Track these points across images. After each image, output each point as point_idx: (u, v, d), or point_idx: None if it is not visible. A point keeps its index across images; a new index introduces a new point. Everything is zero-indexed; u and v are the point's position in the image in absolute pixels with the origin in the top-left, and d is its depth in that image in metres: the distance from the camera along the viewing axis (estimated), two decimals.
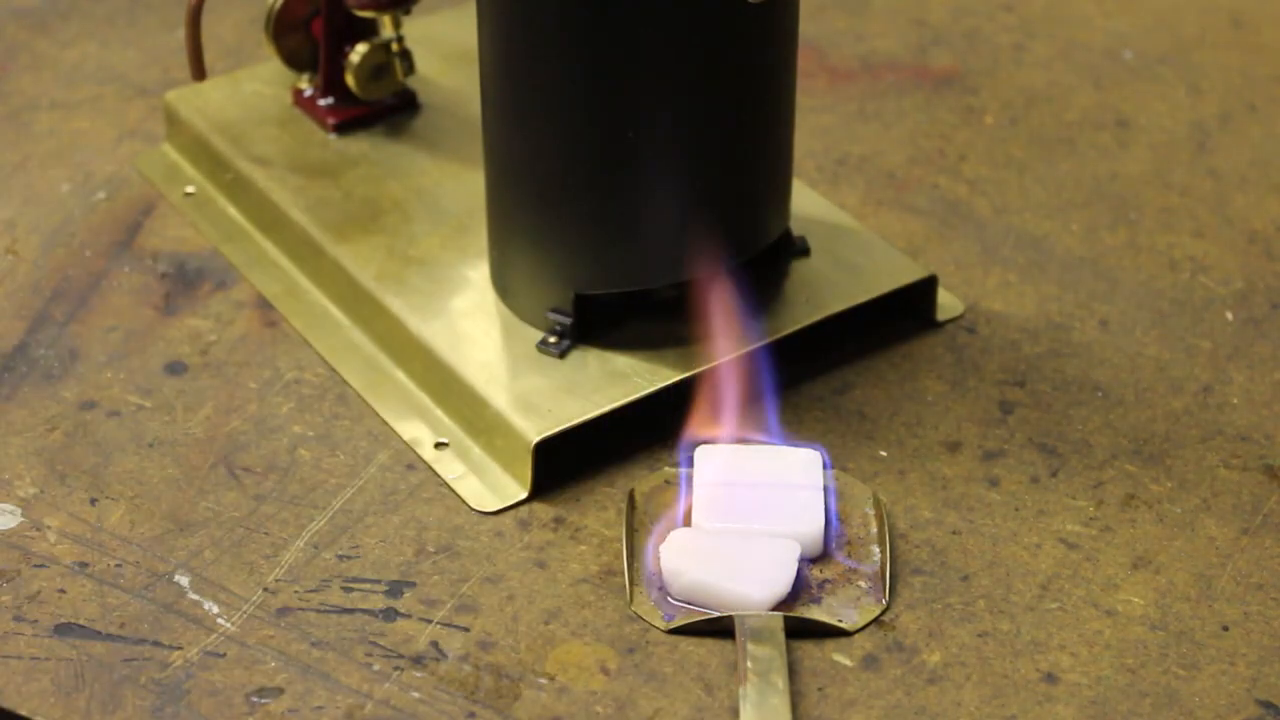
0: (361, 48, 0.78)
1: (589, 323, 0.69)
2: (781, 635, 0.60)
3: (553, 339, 0.68)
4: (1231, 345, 0.73)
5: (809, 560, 0.63)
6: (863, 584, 0.62)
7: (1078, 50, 0.91)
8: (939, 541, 0.64)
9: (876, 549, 0.63)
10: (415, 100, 0.81)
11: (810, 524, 0.63)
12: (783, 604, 0.61)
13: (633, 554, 0.63)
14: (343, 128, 0.80)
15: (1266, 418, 0.69)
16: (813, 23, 0.92)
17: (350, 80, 0.79)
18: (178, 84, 0.85)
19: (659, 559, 0.62)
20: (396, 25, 0.78)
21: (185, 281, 0.76)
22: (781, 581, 0.61)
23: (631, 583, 0.62)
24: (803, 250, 0.72)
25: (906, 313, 0.73)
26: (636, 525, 0.64)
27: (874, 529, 0.64)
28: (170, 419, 0.69)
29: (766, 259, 0.70)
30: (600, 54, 0.63)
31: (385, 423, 0.69)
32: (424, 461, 0.67)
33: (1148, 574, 0.63)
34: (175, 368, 0.72)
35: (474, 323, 0.70)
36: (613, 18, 0.62)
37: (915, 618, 0.61)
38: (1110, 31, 0.93)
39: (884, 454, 0.67)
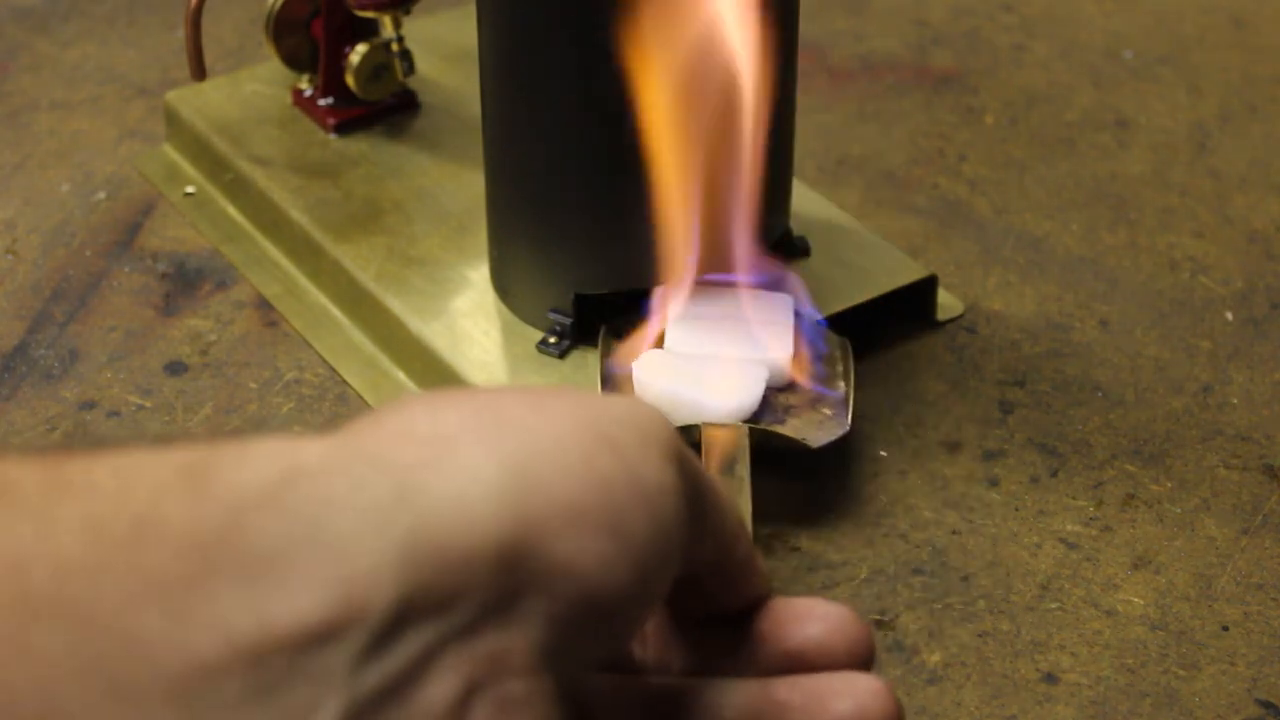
0: (361, 48, 0.78)
1: (589, 323, 0.69)
2: (746, 440, 0.61)
3: (553, 339, 0.68)
4: (1231, 345, 0.73)
5: (776, 389, 0.65)
6: (827, 410, 0.64)
7: (1078, 50, 0.91)
8: (939, 541, 0.64)
9: (842, 382, 0.65)
10: (415, 100, 0.81)
11: (778, 352, 0.65)
12: (747, 421, 0.63)
13: (606, 380, 0.66)
14: (343, 128, 0.80)
15: (1266, 418, 0.69)
16: (813, 23, 0.92)
17: (350, 80, 0.79)
18: (178, 84, 0.85)
19: (631, 376, 0.64)
20: (396, 25, 0.78)
21: (185, 281, 0.76)
22: (748, 396, 0.63)
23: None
24: (803, 250, 0.72)
25: (906, 313, 0.73)
26: (609, 355, 0.67)
27: (840, 366, 0.66)
28: (170, 419, 0.69)
29: None
30: (599, 54, 0.63)
31: None
32: None
33: (1148, 574, 0.63)
34: (175, 368, 0.72)
35: (474, 323, 0.70)
36: (612, 17, 0.62)
37: (915, 618, 0.61)
38: (1110, 31, 0.93)
39: (884, 454, 0.67)
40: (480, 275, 0.72)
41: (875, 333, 0.72)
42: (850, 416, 0.64)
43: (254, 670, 0.36)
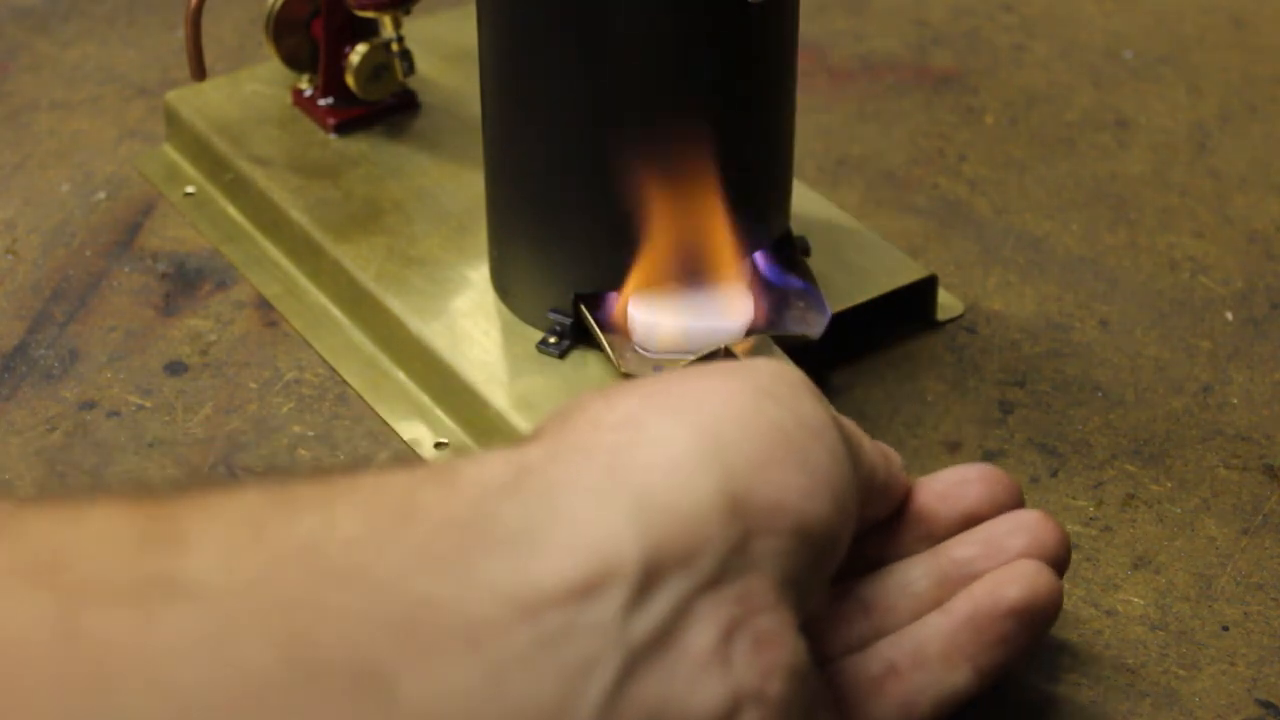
0: (361, 48, 0.78)
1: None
2: (778, 349, 0.64)
3: (553, 339, 0.68)
4: (1231, 345, 0.73)
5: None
6: (800, 303, 0.68)
7: (1078, 50, 0.91)
8: None
9: (793, 274, 0.68)
10: (415, 100, 0.81)
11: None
12: (752, 331, 0.66)
13: (602, 325, 0.67)
14: (343, 128, 0.80)
15: (1266, 418, 0.69)
16: (813, 23, 0.92)
17: (350, 80, 0.79)
18: (178, 84, 0.85)
19: (629, 322, 0.66)
20: (396, 25, 0.78)
21: (185, 281, 0.76)
22: (746, 310, 0.67)
23: (617, 355, 0.66)
24: (803, 250, 0.72)
25: (906, 313, 0.73)
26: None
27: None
28: (170, 419, 0.69)
29: None
30: (599, 54, 0.63)
31: (385, 423, 0.69)
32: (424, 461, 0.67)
33: (1148, 574, 0.63)
34: (175, 368, 0.72)
35: (474, 323, 0.70)
36: (612, 18, 0.62)
37: None
38: (1110, 31, 0.93)
39: None
40: (480, 275, 0.72)
41: (875, 333, 0.72)
42: (827, 302, 0.67)
43: (535, 624, 0.40)
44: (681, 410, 0.46)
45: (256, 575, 0.39)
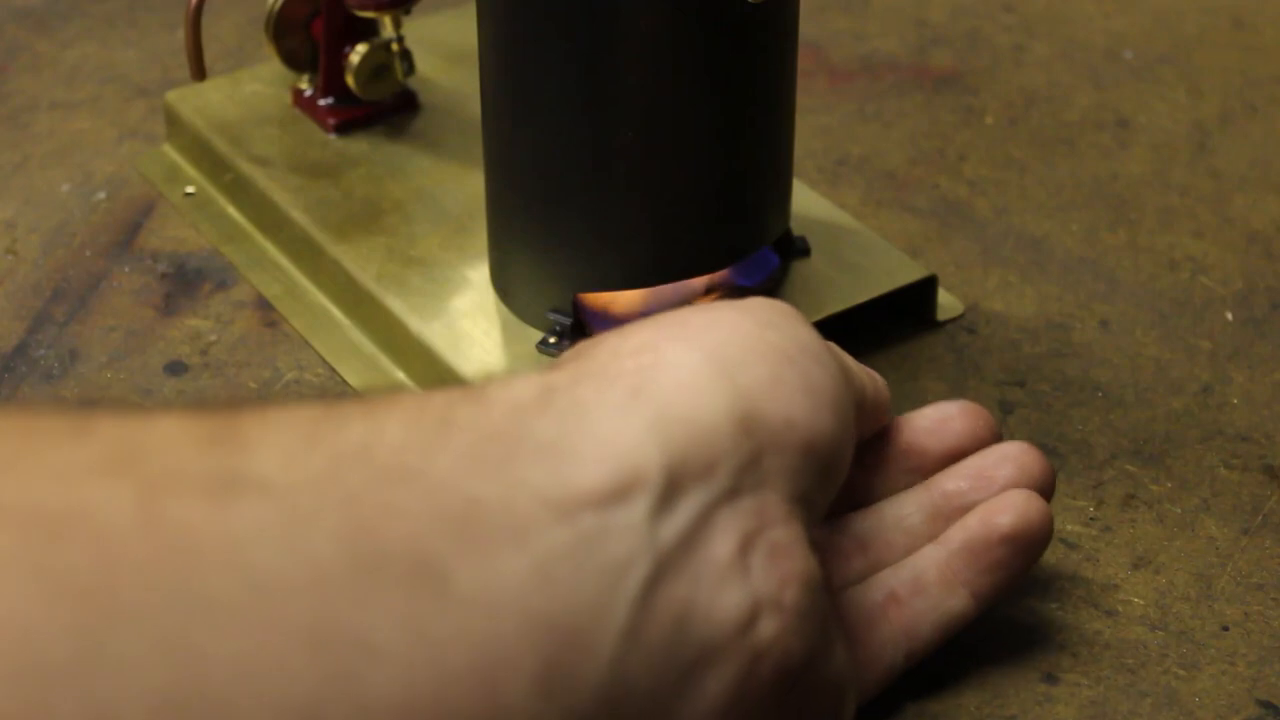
0: (361, 48, 0.78)
1: (589, 323, 0.69)
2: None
3: (553, 339, 0.68)
4: (1231, 345, 0.73)
5: None
6: (749, 260, 0.69)
7: (1078, 50, 0.91)
8: None
9: None
10: (415, 100, 0.81)
11: None
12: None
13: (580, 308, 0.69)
14: (343, 128, 0.80)
15: (1266, 418, 0.69)
16: (813, 23, 0.92)
17: (350, 80, 0.79)
18: (178, 84, 0.85)
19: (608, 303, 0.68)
20: (396, 25, 0.78)
21: (185, 281, 0.76)
22: None
23: None
24: (803, 250, 0.72)
25: (906, 313, 0.73)
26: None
27: None
28: None
29: None
30: (599, 54, 0.63)
31: None
32: None
33: (1148, 574, 0.63)
34: (175, 368, 0.72)
35: (474, 323, 0.70)
36: (611, 18, 0.62)
37: None
38: (1110, 31, 0.93)
39: None
40: (480, 275, 0.72)
41: (875, 333, 0.72)
42: (774, 255, 0.69)
43: (571, 524, 0.43)
44: (693, 338, 0.49)
45: (316, 474, 0.42)
